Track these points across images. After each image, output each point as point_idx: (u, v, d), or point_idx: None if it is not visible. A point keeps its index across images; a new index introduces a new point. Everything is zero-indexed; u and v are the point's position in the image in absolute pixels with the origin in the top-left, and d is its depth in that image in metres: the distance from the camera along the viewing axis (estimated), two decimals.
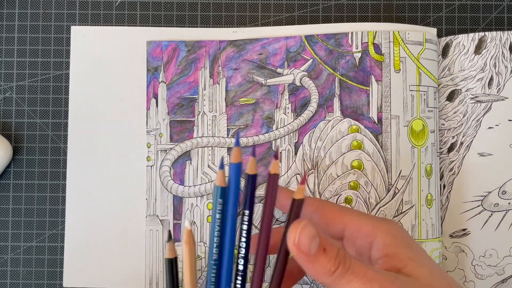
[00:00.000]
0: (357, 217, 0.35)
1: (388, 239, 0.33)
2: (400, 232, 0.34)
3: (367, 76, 0.47)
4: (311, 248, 0.30)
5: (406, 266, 0.32)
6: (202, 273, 0.47)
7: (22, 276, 0.48)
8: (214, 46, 0.48)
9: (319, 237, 0.31)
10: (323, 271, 0.30)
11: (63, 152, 0.49)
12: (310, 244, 0.30)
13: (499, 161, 0.48)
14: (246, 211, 0.34)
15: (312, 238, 0.30)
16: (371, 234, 0.34)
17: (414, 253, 0.32)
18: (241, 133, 0.48)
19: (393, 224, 0.34)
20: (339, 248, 0.31)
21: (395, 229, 0.34)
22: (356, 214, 0.35)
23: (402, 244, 0.33)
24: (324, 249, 0.31)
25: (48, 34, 0.50)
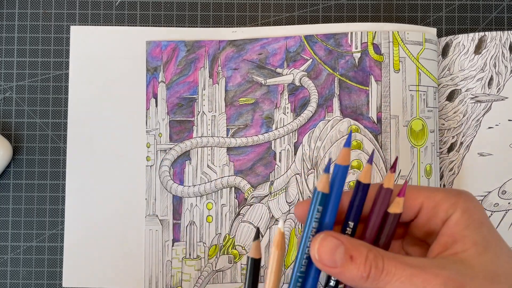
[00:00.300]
0: (433, 194, 0.32)
1: (463, 219, 0.31)
2: (477, 211, 0.31)
3: (367, 76, 0.47)
4: (336, 260, 0.29)
5: (466, 251, 0.30)
6: (201, 272, 0.47)
7: (22, 276, 0.48)
8: (214, 46, 0.48)
9: (343, 245, 0.30)
10: (357, 279, 0.29)
11: (63, 152, 0.49)
12: (333, 256, 0.29)
13: (499, 161, 0.48)
14: (351, 222, 0.32)
15: (334, 249, 0.29)
16: (450, 210, 0.31)
17: (481, 236, 0.30)
18: (241, 133, 0.48)
19: (472, 201, 0.32)
20: (367, 251, 0.30)
21: (473, 206, 0.31)
22: (432, 191, 0.32)
23: (474, 226, 0.30)
24: (351, 257, 0.29)
25: (48, 34, 0.50)
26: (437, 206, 0.32)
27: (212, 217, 0.47)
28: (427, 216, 0.32)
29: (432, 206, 0.32)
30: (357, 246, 0.30)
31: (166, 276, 0.47)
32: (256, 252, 0.33)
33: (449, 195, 0.32)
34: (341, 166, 0.31)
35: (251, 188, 0.47)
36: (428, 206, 0.32)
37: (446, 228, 0.31)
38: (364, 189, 0.32)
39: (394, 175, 0.32)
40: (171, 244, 0.47)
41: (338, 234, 0.31)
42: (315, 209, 0.31)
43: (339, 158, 0.31)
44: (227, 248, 0.47)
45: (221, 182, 0.47)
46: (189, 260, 0.47)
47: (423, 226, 0.33)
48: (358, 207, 0.32)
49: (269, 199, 0.47)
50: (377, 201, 0.32)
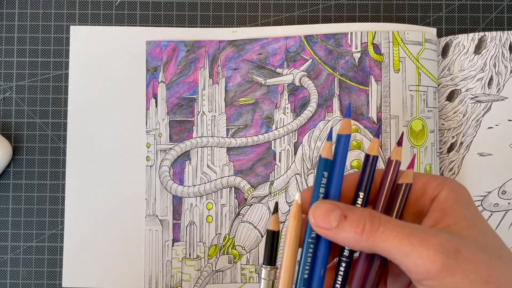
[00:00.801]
0: (420, 176, 0.33)
1: (451, 195, 0.31)
2: (463, 191, 0.32)
3: (367, 76, 0.47)
4: (331, 222, 0.30)
5: (457, 224, 0.30)
6: (201, 272, 0.47)
7: (22, 276, 0.48)
8: (214, 46, 0.48)
9: (339, 208, 0.30)
10: (351, 235, 0.29)
11: (63, 152, 0.48)
12: (328, 218, 0.30)
13: (499, 161, 0.48)
14: (361, 193, 0.32)
15: (328, 212, 0.30)
16: (438, 188, 0.32)
17: (469, 212, 0.31)
18: (241, 133, 0.48)
19: (458, 183, 0.33)
20: (362, 210, 0.30)
21: (460, 187, 0.32)
22: (419, 174, 0.34)
23: (462, 203, 0.31)
24: (345, 216, 0.30)
25: (47, 34, 0.49)
26: (425, 185, 0.32)
27: (212, 217, 0.47)
28: (416, 195, 0.33)
29: (420, 185, 0.32)
30: (352, 207, 0.31)
31: (166, 276, 0.47)
32: (274, 225, 0.34)
33: (435, 177, 0.33)
34: (343, 135, 0.32)
35: (251, 188, 0.47)
36: (416, 185, 0.33)
37: (436, 204, 0.32)
38: (373, 161, 0.32)
39: (401, 149, 0.32)
40: (171, 244, 0.47)
41: (334, 201, 0.31)
42: (322, 175, 0.31)
43: (341, 128, 0.32)
44: (227, 248, 0.47)
45: (221, 182, 0.47)
46: (189, 260, 0.47)
47: (412, 206, 0.33)
48: (368, 179, 0.32)
49: (269, 199, 0.47)
50: (386, 173, 0.33)
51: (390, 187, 0.33)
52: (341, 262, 0.32)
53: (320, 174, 0.32)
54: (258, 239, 0.47)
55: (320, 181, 0.32)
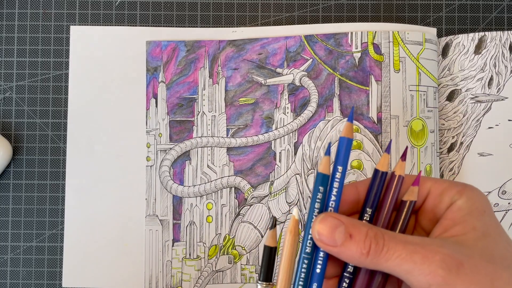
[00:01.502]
0: (441, 182, 0.33)
1: (466, 205, 0.31)
2: (481, 200, 0.32)
3: (367, 76, 0.47)
4: (336, 239, 0.29)
5: (464, 235, 0.30)
6: (201, 272, 0.46)
7: (22, 276, 0.47)
8: (214, 46, 0.48)
9: (343, 224, 0.30)
10: (357, 256, 0.29)
11: (63, 152, 0.48)
12: (332, 235, 0.29)
13: (499, 161, 0.47)
14: (369, 209, 0.32)
15: (333, 228, 0.30)
16: (455, 196, 0.32)
17: (481, 222, 0.30)
18: (241, 133, 0.47)
19: (478, 191, 0.32)
20: (368, 229, 0.30)
21: (477, 196, 0.32)
22: (440, 180, 0.33)
23: (476, 213, 0.31)
24: (350, 235, 0.29)
25: (48, 34, 0.49)
26: (444, 192, 0.32)
27: (212, 217, 0.47)
28: (434, 202, 0.33)
29: (438, 192, 0.32)
30: (357, 224, 0.30)
31: (166, 276, 0.46)
32: (271, 240, 0.33)
33: (456, 184, 0.32)
34: (345, 138, 0.31)
35: (251, 188, 0.47)
36: (435, 192, 0.32)
37: (449, 212, 0.31)
38: (382, 177, 0.32)
39: (405, 163, 0.32)
40: (171, 244, 0.46)
41: (338, 214, 0.31)
42: (318, 190, 0.31)
43: (344, 131, 0.31)
44: (227, 249, 0.46)
45: (221, 182, 0.47)
46: (189, 260, 0.46)
47: (429, 212, 0.33)
48: (376, 195, 0.32)
49: (269, 199, 0.47)
50: (389, 188, 0.32)
51: (393, 202, 0.32)
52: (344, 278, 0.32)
53: (317, 189, 0.31)
54: (258, 239, 0.47)
55: (316, 196, 0.31)
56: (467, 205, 0.31)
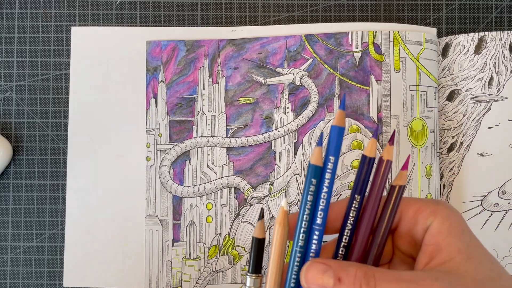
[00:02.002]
0: (411, 203, 0.32)
1: (444, 227, 0.31)
2: (456, 218, 0.31)
3: (367, 76, 0.46)
4: (324, 285, 0.29)
5: (453, 260, 0.29)
6: (201, 273, 0.46)
7: (22, 276, 0.47)
8: (213, 45, 0.47)
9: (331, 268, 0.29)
10: None
11: (63, 152, 0.48)
12: (321, 281, 0.29)
13: (499, 161, 0.47)
14: (357, 196, 0.31)
15: (321, 274, 0.29)
16: (430, 218, 0.31)
17: (464, 243, 0.30)
18: (241, 132, 0.47)
19: (451, 210, 0.32)
20: (356, 270, 0.29)
21: (452, 214, 0.31)
22: (409, 200, 0.33)
23: (456, 233, 0.30)
24: (339, 279, 0.29)
25: (48, 34, 0.49)
26: (416, 214, 0.32)
27: (212, 217, 0.46)
28: (408, 225, 0.32)
29: (411, 214, 0.32)
30: (345, 267, 0.29)
31: (166, 276, 0.46)
32: (260, 232, 0.33)
33: (427, 203, 0.32)
34: (337, 127, 0.30)
35: (251, 188, 0.46)
36: (407, 215, 0.32)
37: (429, 237, 0.31)
38: (369, 163, 0.31)
39: (393, 148, 0.31)
40: (171, 244, 0.46)
41: (325, 259, 0.30)
42: (310, 182, 0.31)
43: (335, 119, 0.31)
44: (227, 249, 0.46)
45: (220, 182, 0.46)
46: (189, 260, 0.46)
47: (406, 235, 0.33)
48: (364, 181, 0.31)
49: (269, 199, 0.46)
50: (377, 172, 0.32)
51: (382, 187, 0.32)
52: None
53: (309, 181, 0.31)
54: None
55: (309, 188, 0.31)
56: (445, 226, 0.30)
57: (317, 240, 0.31)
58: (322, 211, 0.31)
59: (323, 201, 0.31)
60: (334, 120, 0.31)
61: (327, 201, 0.31)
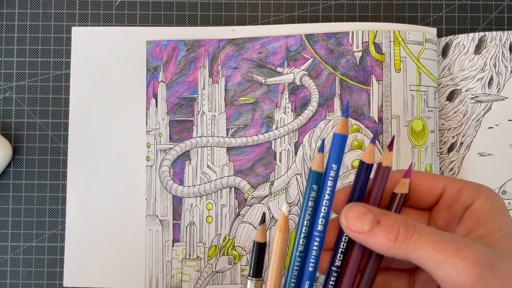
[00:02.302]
0: (457, 181, 0.32)
1: (487, 205, 0.30)
2: (499, 200, 0.31)
3: (368, 76, 0.46)
4: (363, 226, 0.29)
5: (492, 235, 0.29)
6: (201, 273, 0.45)
7: (22, 276, 0.47)
8: (213, 45, 0.47)
9: (372, 212, 0.29)
10: (384, 242, 0.28)
11: (63, 152, 0.47)
12: (360, 222, 0.29)
13: (499, 161, 0.46)
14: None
15: (362, 215, 0.29)
16: (473, 196, 0.31)
17: (505, 223, 0.29)
18: (241, 132, 0.46)
19: (495, 193, 0.32)
20: (396, 216, 0.29)
21: (495, 196, 0.31)
22: (455, 179, 0.32)
23: (498, 213, 0.30)
24: (378, 221, 0.29)
25: (47, 34, 0.48)
26: (460, 191, 0.31)
27: (212, 217, 0.46)
28: (449, 201, 0.32)
29: (455, 191, 0.31)
30: (386, 212, 0.29)
31: (166, 277, 0.45)
32: (261, 236, 0.33)
33: (471, 183, 0.31)
34: (339, 135, 0.30)
35: (251, 188, 0.46)
36: (450, 191, 0.31)
37: (471, 212, 0.30)
38: (367, 169, 0.31)
39: (392, 154, 0.31)
40: (171, 245, 0.46)
41: (367, 205, 0.30)
42: (311, 188, 0.30)
43: (338, 127, 0.30)
44: (227, 249, 0.46)
45: (221, 183, 0.46)
46: (189, 260, 0.46)
47: (445, 211, 0.32)
48: (362, 188, 0.31)
49: (269, 199, 0.46)
50: (376, 179, 0.31)
51: (380, 194, 0.31)
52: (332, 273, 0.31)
53: (310, 187, 0.30)
54: None
55: (310, 194, 0.31)
56: (487, 205, 0.30)
57: (317, 247, 0.31)
58: (323, 218, 0.31)
59: (324, 208, 0.31)
60: (337, 128, 0.31)
61: (328, 208, 0.31)
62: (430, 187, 0.32)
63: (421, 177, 0.33)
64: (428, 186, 0.32)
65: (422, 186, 0.32)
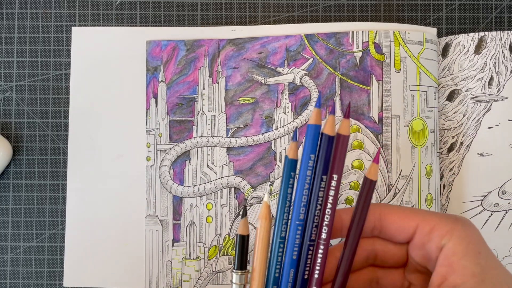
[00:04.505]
0: (430, 218, 0.31)
1: (460, 248, 0.30)
2: (474, 238, 0.30)
3: (368, 76, 0.45)
4: None
5: (466, 283, 0.29)
6: (201, 273, 0.45)
7: (22, 276, 0.46)
8: (213, 45, 0.46)
9: None
10: None
11: (63, 152, 0.47)
12: None
13: (499, 161, 0.46)
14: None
15: None
16: (446, 237, 0.30)
17: (479, 266, 0.29)
18: (241, 132, 0.46)
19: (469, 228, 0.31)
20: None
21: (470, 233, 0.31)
22: (428, 215, 0.32)
23: (472, 254, 0.30)
24: None
25: (47, 34, 0.48)
26: (433, 231, 0.31)
27: (212, 217, 0.45)
28: (422, 240, 0.31)
29: (427, 230, 0.31)
30: None
31: (166, 277, 0.45)
32: (244, 229, 0.33)
33: (446, 220, 0.31)
34: (313, 125, 0.31)
35: (251, 188, 0.45)
36: (423, 230, 0.31)
37: (444, 257, 0.30)
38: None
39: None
40: (171, 245, 0.45)
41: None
42: (289, 175, 0.31)
43: (311, 118, 0.31)
44: (227, 249, 0.45)
45: (221, 182, 0.45)
46: (189, 260, 0.45)
47: (420, 249, 0.32)
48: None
49: (270, 199, 0.45)
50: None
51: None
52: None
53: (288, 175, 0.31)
54: None
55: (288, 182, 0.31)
56: (460, 247, 0.30)
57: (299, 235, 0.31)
58: (304, 207, 0.31)
59: (304, 197, 0.31)
60: (310, 119, 0.31)
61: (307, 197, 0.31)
62: (402, 225, 0.32)
63: (393, 213, 0.32)
64: (399, 225, 0.32)
65: (394, 224, 0.32)
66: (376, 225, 0.33)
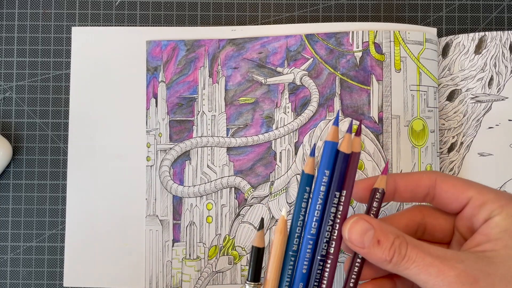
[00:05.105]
0: (486, 192, 0.32)
1: (504, 223, 0.30)
2: None
3: (368, 76, 0.45)
4: (364, 242, 0.31)
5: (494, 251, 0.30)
6: (201, 273, 0.45)
7: (22, 276, 0.46)
8: (214, 45, 0.46)
9: (373, 228, 0.31)
10: (380, 261, 0.31)
11: (63, 152, 0.47)
12: (362, 238, 0.31)
13: (499, 161, 0.46)
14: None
15: (364, 232, 0.31)
16: (496, 211, 0.31)
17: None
18: (241, 132, 0.46)
19: None
20: (394, 238, 0.30)
21: None
22: (482, 188, 0.33)
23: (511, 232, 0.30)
24: (378, 241, 0.30)
25: (47, 34, 0.48)
26: (484, 204, 0.32)
27: (212, 217, 0.45)
28: (472, 212, 0.32)
29: (479, 203, 0.32)
30: (386, 232, 0.31)
31: (166, 277, 0.45)
32: (259, 241, 0.34)
33: (500, 197, 0.32)
34: (331, 143, 0.32)
35: (251, 188, 0.45)
36: (475, 202, 0.32)
37: (485, 228, 0.31)
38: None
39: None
40: (171, 245, 0.45)
41: (370, 218, 0.32)
42: (304, 190, 0.32)
43: (329, 135, 0.32)
44: (227, 249, 0.45)
45: (221, 183, 0.45)
46: (189, 260, 0.45)
47: (466, 220, 0.33)
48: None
49: (269, 199, 0.45)
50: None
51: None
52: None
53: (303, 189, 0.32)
54: None
55: (303, 196, 0.32)
56: (505, 222, 0.30)
57: (310, 250, 0.32)
58: (316, 222, 0.32)
59: (317, 212, 0.32)
60: (327, 136, 0.32)
61: (320, 212, 0.32)
62: (456, 195, 0.33)
63: (448, 182, 0.33)
64: (453, 194, 0.33)
65: (448, 192, 0.33)
66: (430, 192, 0.33)
